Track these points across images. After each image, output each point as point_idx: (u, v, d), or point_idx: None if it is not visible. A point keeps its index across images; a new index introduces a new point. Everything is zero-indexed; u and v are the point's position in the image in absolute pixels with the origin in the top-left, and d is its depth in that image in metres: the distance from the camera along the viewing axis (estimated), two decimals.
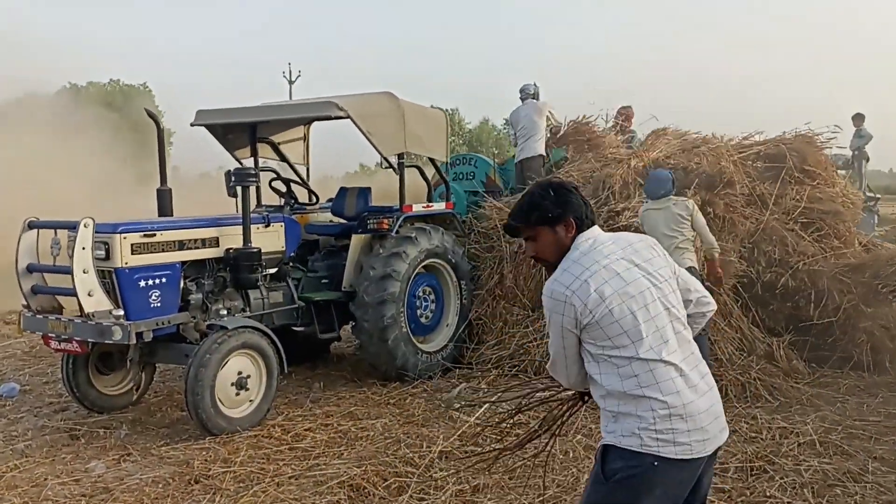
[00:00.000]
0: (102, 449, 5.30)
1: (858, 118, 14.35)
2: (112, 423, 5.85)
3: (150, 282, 5.54)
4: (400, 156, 6.89)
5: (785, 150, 7.85)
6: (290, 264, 6.78)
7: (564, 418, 3.12)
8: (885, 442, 5.17)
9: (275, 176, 7.66)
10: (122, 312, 5.18)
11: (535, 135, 8.73)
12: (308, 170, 8.26)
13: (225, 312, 5.81)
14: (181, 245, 5.78)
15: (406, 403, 6.34)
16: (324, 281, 7.10)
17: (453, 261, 7.31)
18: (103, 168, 16.93)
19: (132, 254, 5.43)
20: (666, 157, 7.82)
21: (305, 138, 8.23)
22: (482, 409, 5.95)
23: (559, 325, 2.50)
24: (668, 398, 2.39)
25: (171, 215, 6.30)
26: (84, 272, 5.13)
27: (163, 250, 5.64)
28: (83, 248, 5.12)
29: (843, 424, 5.45)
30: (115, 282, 5.37)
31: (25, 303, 5.60)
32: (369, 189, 7.62)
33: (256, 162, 7.65)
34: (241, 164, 7.55)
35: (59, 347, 5.46)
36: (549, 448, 3.62)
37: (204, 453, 5.15)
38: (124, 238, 5.39)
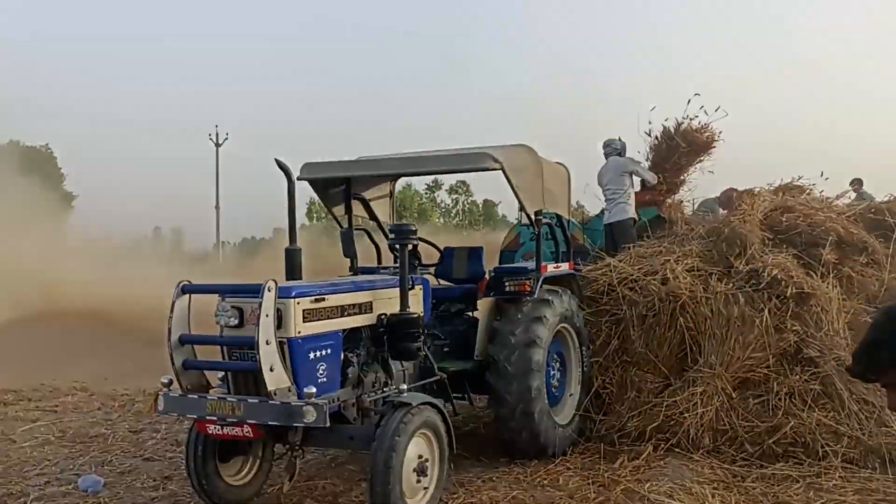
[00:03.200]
0: None
1: (857, 182, 14.64)
2: None
3: (318, 353, 4.81)
4: (537, 212, 6.40)
5: (885, 209, 7.84)
6: (426, 331, 6.12)
7: None
8: None
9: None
10: (314, 390, 4.42)
11: (621, 196, 8.38)
12: None
13: (405, 387, 5.08)
14: (342, 311, 5.09)
15: (565, 485, 5.71)
16: (446, 349, 6.45)
17: (577, 325, 6.80)
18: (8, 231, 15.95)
19: (304, 321, 4.71)
20: (774, 211, 7.63)
21: (392, 195, 7.65)
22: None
23: None
24: None
25: (301, 278, 5.60)
26: (267, 343, 4.37)
27: (328, 317, 4.94)
28: (267, 316, 4.38)
29: None
30: (285, 353, 4.63)
31: (168, 380, 4.75)
32: (482, 249, 7.07)
33: (351, 220, 7.02)
34: (338, 222, 6.95)
35: (220, 433, 4.61)
36: None
37: None
38: (297, 303, 4.67)
